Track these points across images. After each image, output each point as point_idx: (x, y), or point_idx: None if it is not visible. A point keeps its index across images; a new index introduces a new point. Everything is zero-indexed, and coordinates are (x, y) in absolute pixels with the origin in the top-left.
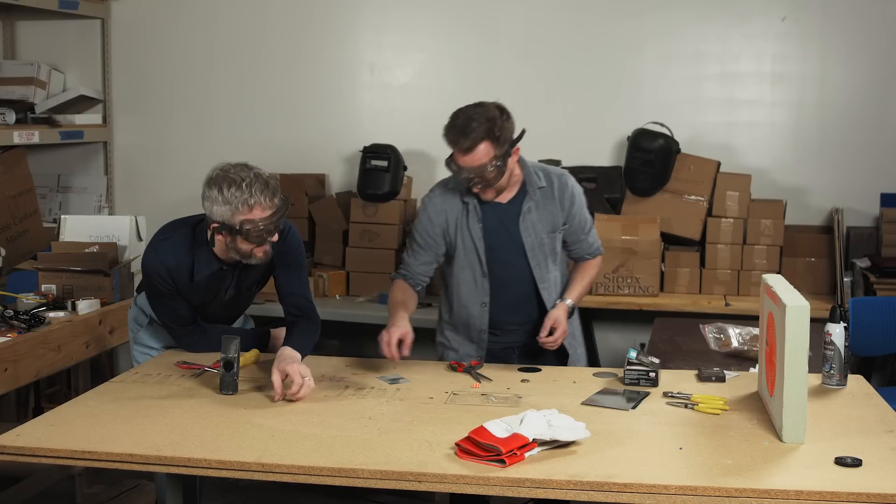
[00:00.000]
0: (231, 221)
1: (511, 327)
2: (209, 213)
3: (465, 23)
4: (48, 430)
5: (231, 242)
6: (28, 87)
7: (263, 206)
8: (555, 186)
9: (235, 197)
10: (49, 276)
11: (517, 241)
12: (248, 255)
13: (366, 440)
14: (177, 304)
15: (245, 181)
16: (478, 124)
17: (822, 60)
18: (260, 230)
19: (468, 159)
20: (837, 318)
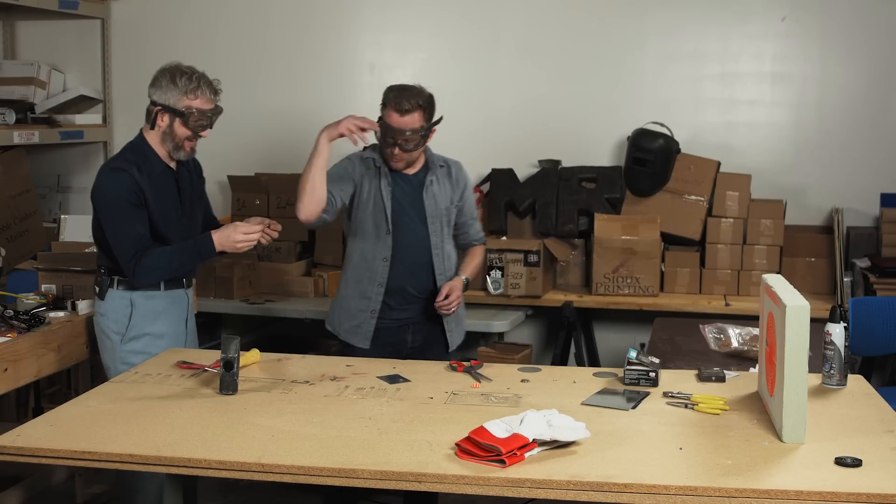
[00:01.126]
0: (176, 105)
1: (407, 296)
2: (155, 98)
3: (465, 22)
4: (48, 430)
5: (169, 128)
6: (28, 87)
7: (206, 99)
8: (452, 170)
9: (185, 84)
10: (49, 276)
11: (419, 209)
12: (179, 146)
13: (366, 440)
14: (137, 219)
15: (195, 74)
16: (418, 94)
17: (822, 60)
18: (198, 118)
19: (403, 120)
20: (837, 318)
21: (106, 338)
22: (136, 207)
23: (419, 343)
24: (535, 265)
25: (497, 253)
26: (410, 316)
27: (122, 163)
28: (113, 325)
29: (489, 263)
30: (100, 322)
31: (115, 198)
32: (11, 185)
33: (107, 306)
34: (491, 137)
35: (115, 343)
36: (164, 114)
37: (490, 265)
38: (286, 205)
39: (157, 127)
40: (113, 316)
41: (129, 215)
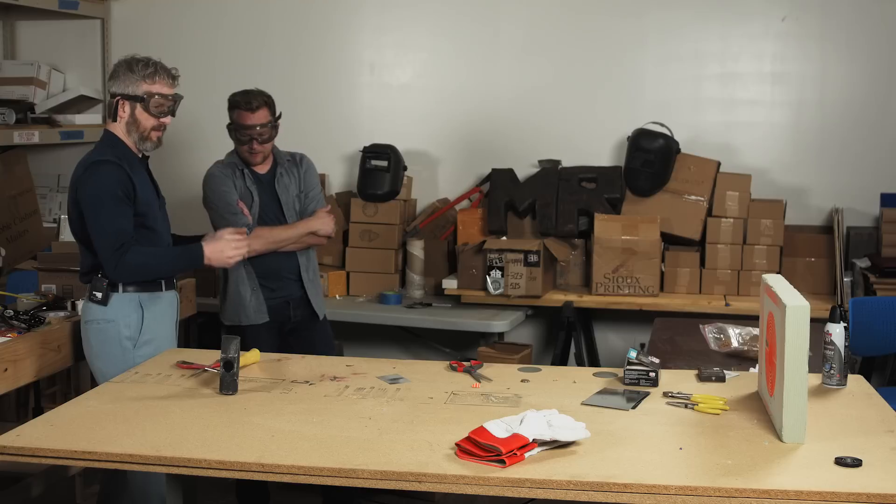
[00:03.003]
0: (136, 91)
1: (284, 276)
2: (115, 89)
3: (465, 22)
4: (48, 430)
5: (132, 117)
6: (28, 87)
7: (165, 83)
8: (297, 160)
9: (141, 69)
10: (49, 276)
11: (276, 200)
12: (145, 137)
13: (366, 440)
14: (125, 213)
15: (150, 60)
16: (259, 94)
17: (822, 60)
18: (158, 102)
19: (253, 117)
20: (837, 318)
21: (116, 345)
22: (123, 202)
23: (299, 317)
24: (535, 265)
25: (497, 253)
26: (289, 293)
27: (107, 155)
28: (125, 330)
29: (489, 263)
30: (106, 330)
31: (103, 191)
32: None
33: (114, 311)
34: (491, 137)
35: (126, 350)
36: (125, 102)
37: (490, 265)
38: None
39: (120, 118)
40: (124, 321)
41: (116, 209)
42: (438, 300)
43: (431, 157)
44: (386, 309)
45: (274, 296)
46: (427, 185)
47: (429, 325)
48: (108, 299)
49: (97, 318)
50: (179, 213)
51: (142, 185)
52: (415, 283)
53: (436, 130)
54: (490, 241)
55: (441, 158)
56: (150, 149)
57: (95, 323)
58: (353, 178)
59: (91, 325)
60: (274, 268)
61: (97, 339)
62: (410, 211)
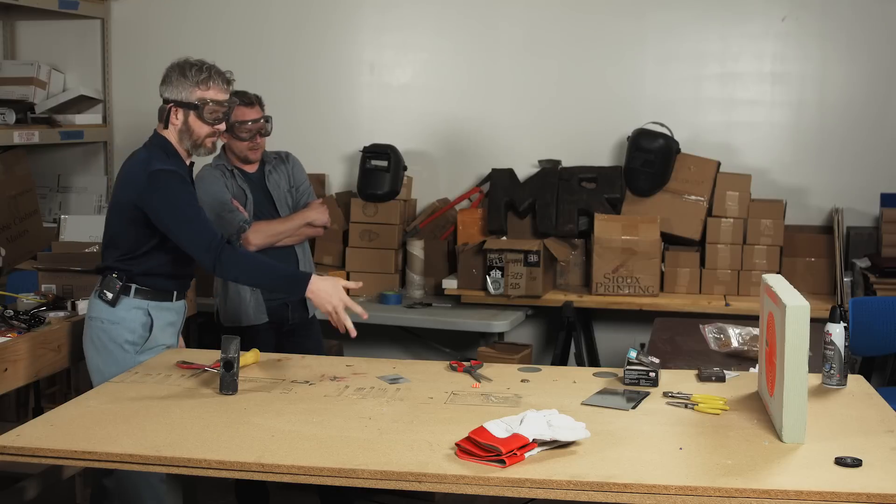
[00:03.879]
0: (189, 98)
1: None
2: (167, 95)
3: (465, 22)
4: (48, 430)
5: (185, 125)
6: (28, 87)
7: (219, 89)
8: (283, 157)
9: (195, 75)
10: (49, 276)
11: (269, 197)
12: (199, 144)
13: (366, 440)
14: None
15: (205, 65)
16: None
17: (822, 60)
18: (213, 109)
19: (251, 112)
20: (837, 318)
21: (116, 347)
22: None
23: (297, 319)
24: (535, 265)
25: (497, 253)
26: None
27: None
28: (128, 335)
29: (489, 263)
30: (109, 330)
31: (187, 193)
32: (11, 185)
33: (120, 315)
34: (491, 137)
35: (126, 353)
36: (178, 109)
37: (490, 265)
38: None
39: (172, 125)
40: (129, 326)
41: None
42: (438, 300)
43: (431, 157)
44: (386, 309)
45: (273, 296)
46: (427, 185)
47: (429, 325)
48: (118, 301)
49: (102, 317)
50: None
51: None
52: (415, 283)
53: (436, 130)
54: (490, 241)
55: (441, 158)
56: (203, 154)
57: (100, 321)
58: (353, 178)
59: (95, 323)
60: None
61: (99, 338)
62: (410, 211)
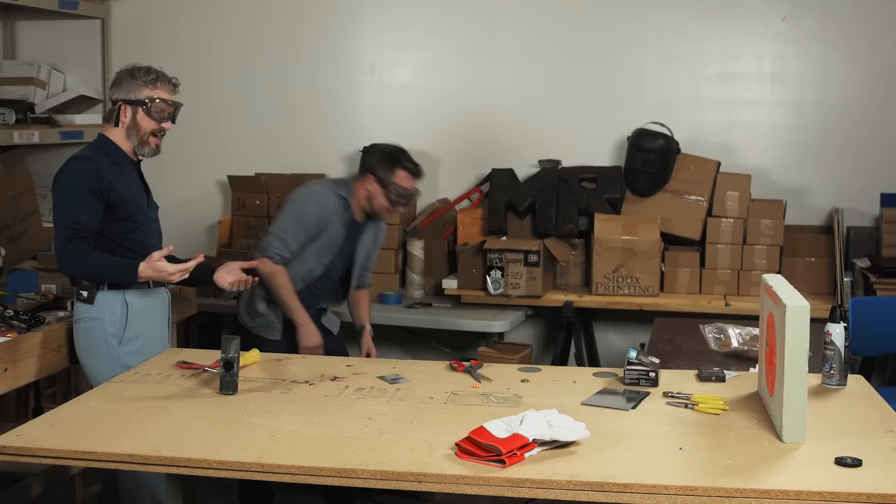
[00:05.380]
0: (138, 96)
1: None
2: (116, 95)
3: (465, 22)
4: (48, 430)
5: (132, 122)
6: (28, 87)
7: (166, 89)
8: (380, 226)
9: (143, 76)
10: (49, 276)
11: (350, 252)
12: (144, 141)
13: (366, 440)
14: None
15: (152, 68)
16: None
17: (822, 60)
18: (160, 107)
19: (415, 183)
20: (837, 318)
21: (101, 343)
22: (90, 197)
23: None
24: (535, 265)
25: (497, 253)
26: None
27: (87, 153)
28: (110, 327)
29: (489, 263)
30: (92, 327)
31: (71, 184)
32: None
33: (99, 309)
34: (491, 137)
35: (111, 347)
36: (127, 107)
37: (490, 265)
38: None
39: (121, 123)
40: (109, 318)
41: (79, 201)
42: (438, 300)
43: (431, 157)
44: (386, 309)
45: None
46: (427, 185)
47: (429, 325)
48: (94, 297)
49: (84, 317)
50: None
51: (126, 184)
52: (415, 283)
53: (436, 130)
54: (490, 241)
55: (441, 158)
56: (147, 154)
57: (83, 321)
58: None
59: (79, 324)
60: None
61: (85, 338)
62: (410, 211)
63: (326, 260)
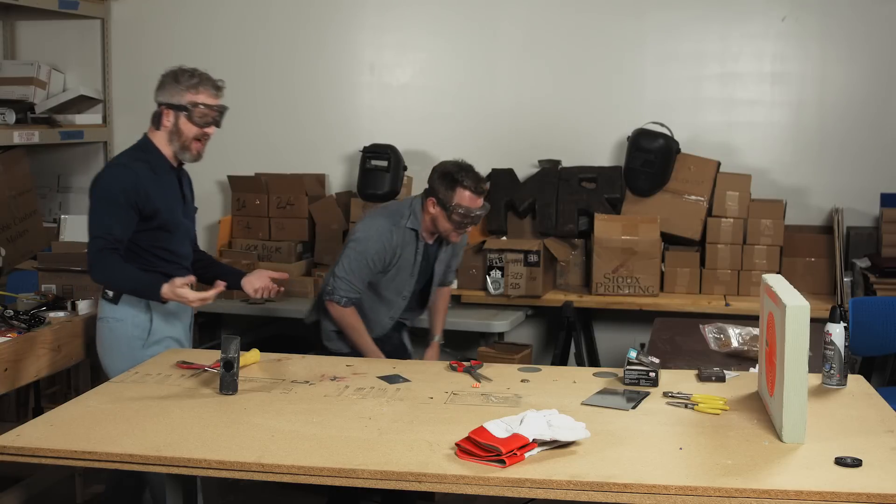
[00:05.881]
0: (180, 101)
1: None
2: (160, 99)
3: (465, 22)
4: (48, 430)
5: (175, 126)
6: (28, 87)
7: (209, 94)
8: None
9: (187, 80)
10: (49, 276)
11: (430, 272)
12: (186, 146)
13: (366, 440)
14: (119, 218)
15: (196, 71)
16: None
17: (822, 60)
18: (203, 112)
19: (479, 202)
20: (837, 318)
21: (124, 344)
22: (125, 208)
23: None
24: (535, 265)
25: (497, 253)
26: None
27: (128, 160)
28: (133, 329)
29: (489, 263)
30: (115, 328)
31: (109, 192)
32: (11, 185)
33: (123, 311)
34: (491, 137)
35: (134, 349)
36: (169, 111)
37: (490, 265)
38: (286, 205)
39: (164, 127)
40: (133, 321)
41: (113, 212)
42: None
43: (431, 157)
44: None
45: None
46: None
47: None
48: (119, 298)
49: (108, 316)
50: None
51: (162, 194)
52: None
53: (436, 130)
54: (490, 241)
55: (441, 158)
56: (188, 160)
57: (106, 321)
58: (353, 178)
59: (102, 322)
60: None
61: (107, 337)
62: None
63: (406, 291)
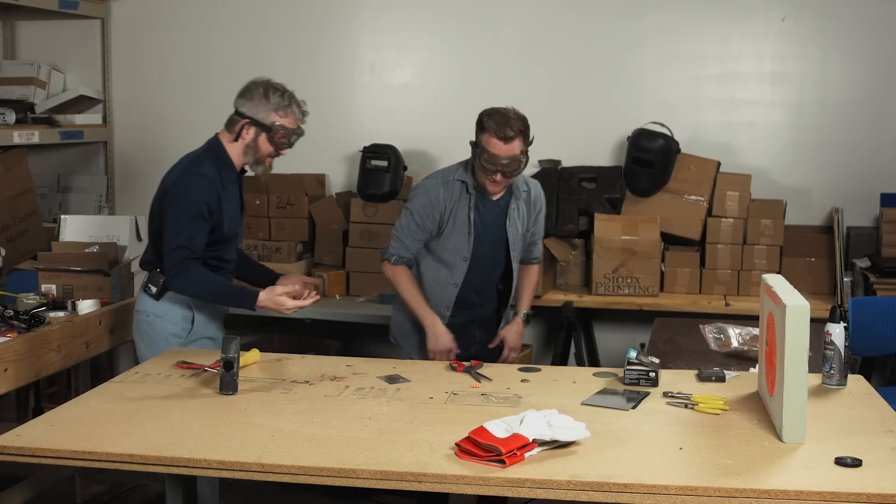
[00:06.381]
0: (264, 120)
1: (473, 305)
2: (244, 110)
3: (465, 22)
4: (48, 430)
5: (253, 142)
6: (28, 87)
7: (294, 119)
8: (531, 193)
9: (277, 100)
10: (49, 276)
11: (502, 237)
12: (260, 161)
13: (366, 440)
14: (200, 229)
15: (287, 92)
16: (517, 120)
17: (822, 60)
18: (283, 136)
19: (506, 148)
20: (837, 318)
21: (161, 339)
22: (205, 219)
23: (484, 337)
24: None
25: None
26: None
27: (209, 170)
28: (172, 327)
29: None
30: (154, 324)
31: (195, 202)
32: (11, 185)
33: (164, 308)
34: None
35: (171, 345)
36: (251, 127)
37: None
38: (286, 205)
39: (241, 139)
40: (172, 319)
41: (193, 224)
42: None
43: (431, 157)
44: (386, 309)
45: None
46: None
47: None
48: (162, 295)
49: (147, 311)
50: None
51: (229, 200)
52: None
53: (436, 130)
54: None
55: (441, 158)
56: (259, 172)
57: (146, 315)
58: (353, 178)
59: (141, 316)
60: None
61: (145, 331)
62: None
63: (465, 251)
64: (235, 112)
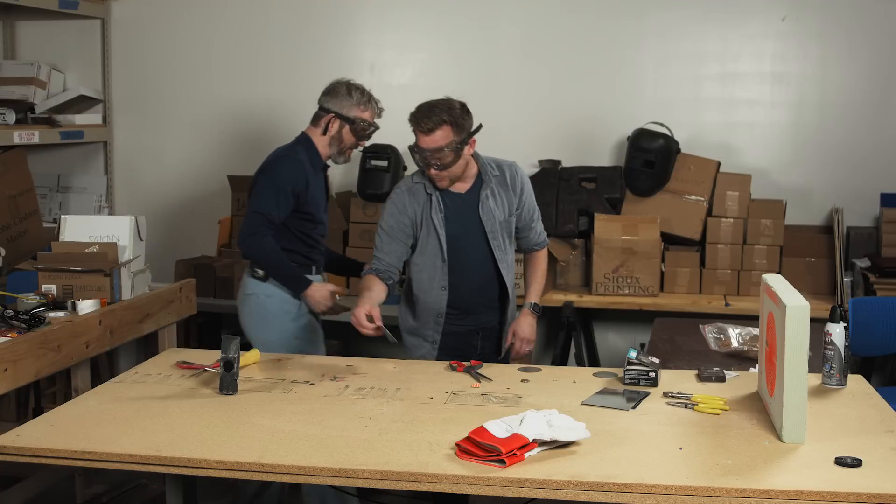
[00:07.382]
0: (348, 114)
1: (475, 309)
2: (329, 105)
3: (465, 22)
4: (48, 430)
5: (337, 134)
6: (28, 87)
7: (373, 113)
8: (507, 175)
9: (358, 97)
10: (49, 276)
11: (478, 227)
12: (343, 152)
13: (366, 440)
14: (282, 205)
15: (367, 90)
16: (440, 110)
17: (822, 60)
18: (364, 128)
19: (428, 140)
20: (837, 318)
21: (274, 317)
22: (287, 195)
23: (488, 349)
24: None
25: None
26: (478, 322)
27: (302, 155)
28: (283, 304)
29: None
30: (266, 303)
31: (284, 179)
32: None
33: (272, 289)
34: (491, 137)
35: (284, 322)
36: (336, 120)
37: None
38: None
39: (328, 132)
40: (283, 296)
41: (278, 195)
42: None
43: None
44: (386, 309)
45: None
46: None
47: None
48: (268, 278)
49: (258, 292)
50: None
51: (316, 187)
52: None
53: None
54: None
55: None
56: (341, 162)
57: (256, 296)
58: (353, 178)
59: (252, 298)
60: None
61: (259, 311)
62: None
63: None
64: (320, 108)
